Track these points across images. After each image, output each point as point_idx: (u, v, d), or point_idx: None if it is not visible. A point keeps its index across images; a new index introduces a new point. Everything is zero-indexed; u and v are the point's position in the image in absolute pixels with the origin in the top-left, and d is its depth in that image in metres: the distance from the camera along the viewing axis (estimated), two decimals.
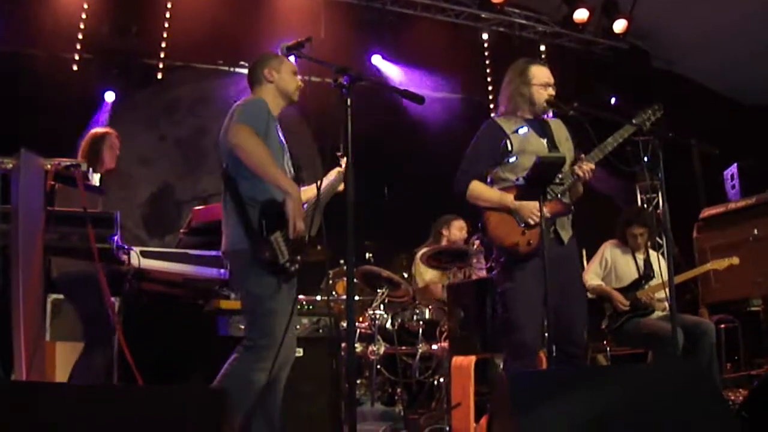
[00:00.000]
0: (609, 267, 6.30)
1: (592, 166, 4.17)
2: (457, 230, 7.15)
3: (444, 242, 7.09)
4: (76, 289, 4.81)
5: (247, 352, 3.79)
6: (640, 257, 6.32)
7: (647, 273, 6.20)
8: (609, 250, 6.38)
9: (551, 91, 4.34)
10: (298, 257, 3.81)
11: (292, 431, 4.64)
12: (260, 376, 3.74)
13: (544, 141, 4.30)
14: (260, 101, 3.97)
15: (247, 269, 3.82)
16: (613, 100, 9.98)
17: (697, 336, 5.67)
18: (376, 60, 9.37)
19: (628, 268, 6.27)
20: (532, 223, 4.11)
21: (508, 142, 4.26)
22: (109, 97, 8.38)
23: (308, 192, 4.27)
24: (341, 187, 4.20)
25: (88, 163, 4.62)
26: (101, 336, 4.76)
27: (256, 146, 3.71)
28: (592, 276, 6.24)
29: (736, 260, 6.19)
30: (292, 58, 4.10)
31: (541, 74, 4.38)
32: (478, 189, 4.30)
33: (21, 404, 2.54)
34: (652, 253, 6.48)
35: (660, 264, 6.35)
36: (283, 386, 3.99)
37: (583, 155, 4.21)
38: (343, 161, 4.00)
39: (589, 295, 6.12)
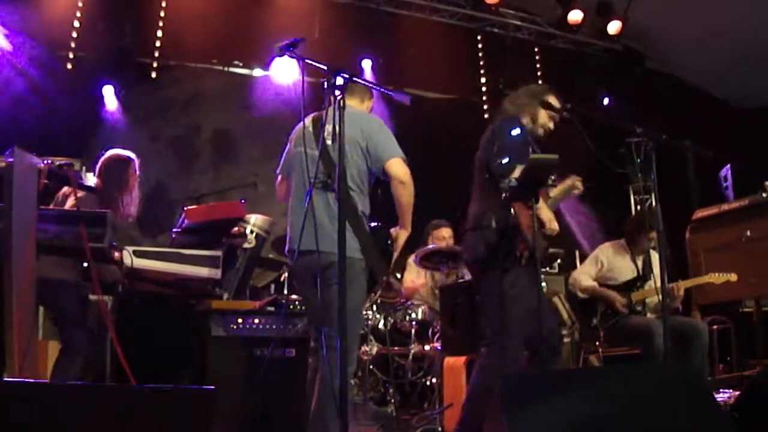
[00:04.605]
0: (604, 269, 6.28)
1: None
2: (439, 240, 7.01)
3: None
4: (51, 296, 4.75)
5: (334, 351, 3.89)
6: (639, 258, 6.31)
7: (645, 274, 6.18)
8: (604, 252, 6.37)
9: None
10: None
11: (285, 431, 4.66)
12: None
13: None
14: None
15: (356, 276, 4.04)
16: (606, 101, 10.00)
17: (691, 338, 5.67)
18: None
19: (625, 269, 6.25)
20: None
21: None
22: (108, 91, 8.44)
23: None
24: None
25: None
26: (79, 342, 4.74)
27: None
28: (585, 277, 6.23)
29: (734, 277, 6.14)
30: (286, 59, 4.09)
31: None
32: None
33: (12, 402, 2.53)
34: (652, 253, 6.45)
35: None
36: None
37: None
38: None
39: (582, 295, 6.14)
